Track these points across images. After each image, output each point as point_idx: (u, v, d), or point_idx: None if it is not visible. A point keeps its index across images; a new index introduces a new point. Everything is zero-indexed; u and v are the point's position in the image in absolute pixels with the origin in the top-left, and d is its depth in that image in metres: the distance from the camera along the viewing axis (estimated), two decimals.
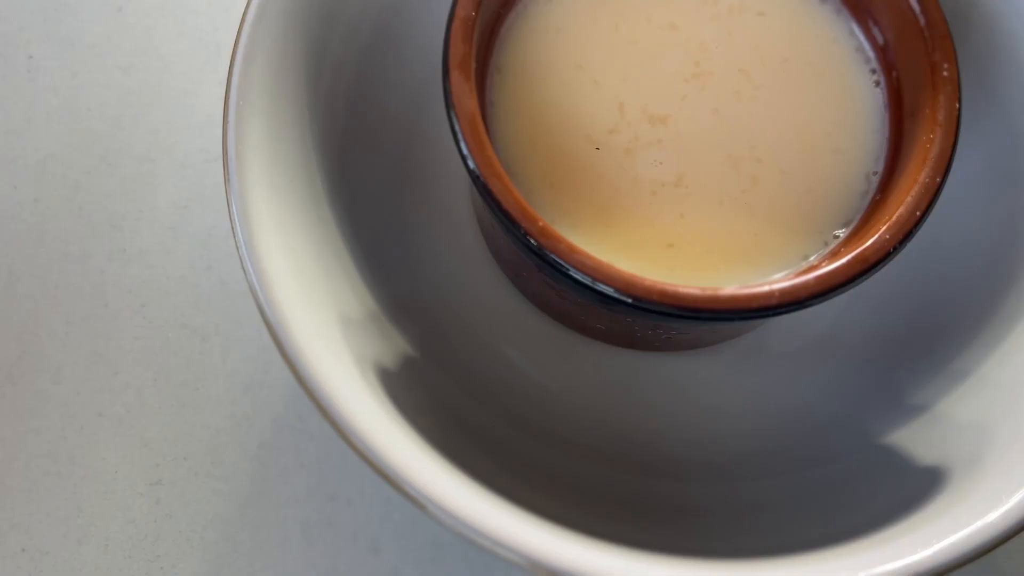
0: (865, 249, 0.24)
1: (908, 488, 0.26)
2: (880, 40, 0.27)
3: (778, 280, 0.24)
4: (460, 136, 0.24)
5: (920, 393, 0.29)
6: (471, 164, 0.24)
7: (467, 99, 0.24)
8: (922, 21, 0.26)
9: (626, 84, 0.27)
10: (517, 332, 0.30)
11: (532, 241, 0.24)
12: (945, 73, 0.25)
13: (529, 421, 0.29)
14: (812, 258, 0.26)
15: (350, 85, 0.30)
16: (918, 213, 0.24)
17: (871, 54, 0.27)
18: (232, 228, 0.24)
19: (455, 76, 0.24)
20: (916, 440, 0.28)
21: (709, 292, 0.23)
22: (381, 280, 0.29)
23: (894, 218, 0.24)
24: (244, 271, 0.24)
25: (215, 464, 0.32)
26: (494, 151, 0.24)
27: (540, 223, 0.24)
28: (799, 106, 0.27)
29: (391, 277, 0.30)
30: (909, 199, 0.24)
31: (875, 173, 0.26)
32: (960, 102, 0.25)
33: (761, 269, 0.26)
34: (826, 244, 0.26)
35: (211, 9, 0.37)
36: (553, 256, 0.23)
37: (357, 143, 0.30)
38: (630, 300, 0.23)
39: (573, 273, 0.23)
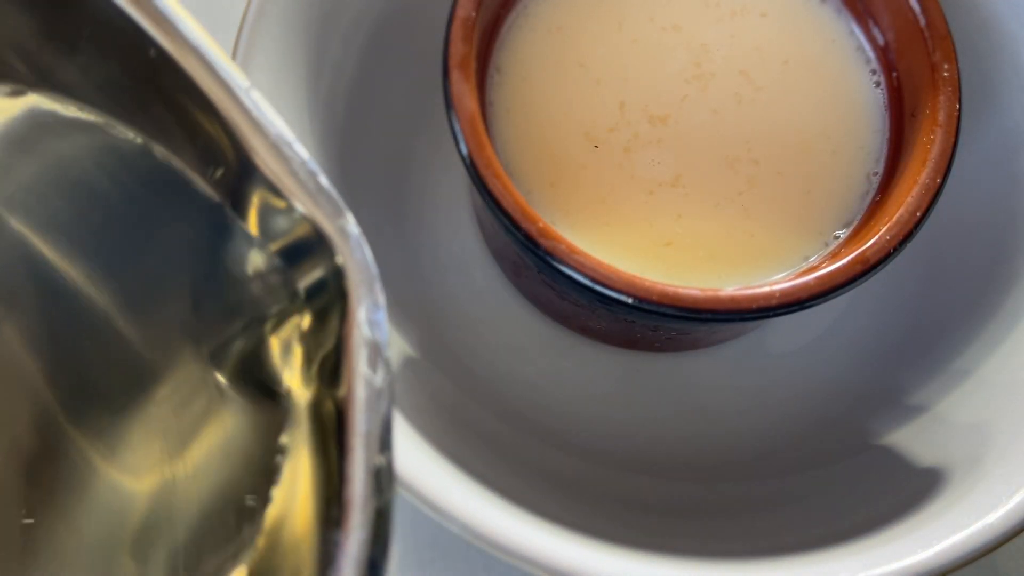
0: (865, 250, 0.24)
1: (908, 488, 0.26)
2: (880, 40, 0.27)
3: (778, 281, 0.24)
4: (460, 136, 0.24)
5: (920, 393, 0.29)
6: (471, 164, 0.24)
7: (467, 99, 0.24)
8: (922, 21, 0.26)
9: (627, 83, 0.27)
10: (517, 332, 0.30)
11: (532, 242, 0.24)
12: (945, 73, 0.25)
13: (529, 421, 0.29)
14: (812, 259, 0.26)
15: (350, 85, 0.30)
16: (918, 214, 0.24)
17: (871, 54, 0.27)
18: None
19: (455, 76, 0.24)
20: (916, 440, 0.28)
21: (709, 293, 0.23)
22: (380, 280, 0.29)
23: (894, 219, 0.24)
24: None
25: None
26: (494, 151, 0.24)
27: (540, 223, 0.24)
28: (799, 107, 0.27)
29: (391, 277, 0.30)
30: (909, 200, 0.24)
31: (875, 174, 0.26)
32: (960, 102, 0.25)
33: (760, 270, 0.26)
34: (826, 245, 0.26)
35: (211, 9, 0.37)
36: (553, 257, 0.23)
37: (357, 143, 0.30)
38: (630, 300, 0.23)
39: (573, 274, 0.23)
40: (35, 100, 0.20)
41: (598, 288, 0.23)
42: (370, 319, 0.16)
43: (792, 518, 0.27)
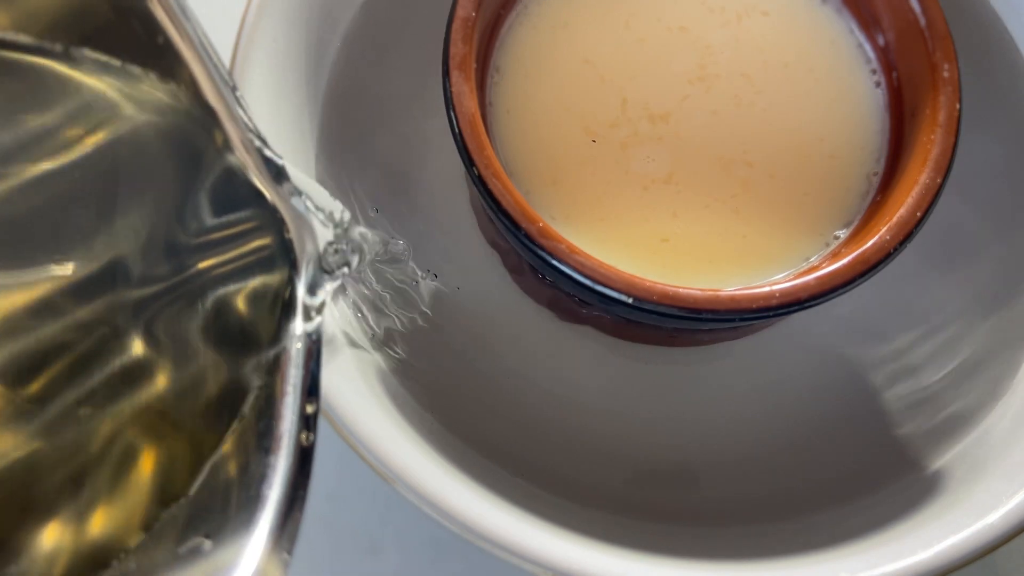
0: (866, 250, 0.24)
1: (908, 488, 0.26)
2: (881, 41, 0.27)
3: (778, 281, 0.24)
4: (460, 136, 0.24)
5: (920, 393, 0.29)
6: (471, 164, 0.24)
7: (467, 99, 0.24)
8: (923, 22, 0.26)
9: (631, 81, 0.27)
10: (517, 329, 0.30)
11: (532, 242, 0.24)
12: (946, 74, 0.25)
13: (529, 420, 0.29)
14: (813, 259, 0.26)
15: (350, 85, 0.30)
16: (919, 214, 0.24)
17: (872, 55, 0.27)
18: None
19: (455, 76, 0.24)
20: (917, 440, 0.28)
21: (709, 293, 0.23)
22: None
23: (895, 219, 0.24)
24: None
25: None
26: (494, 151, 0.24)
27: (540, 223, 0.24)
28: (799, 109, 0.27)
29: None
30: (910, 200, 0.24)
31: (876, 174, 0.26)
32: (961, 103, 0.25)
33: (760, 270, 0.26)
34: (827, 245, 0.26)
35: (211, 9, 0.37)
36: (553, 256, 0.23)
37: (357, 143, 0.30)
38: (630, 300, 0.23)
39: (573, 273, 0.23)
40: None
41: (598, 288, 0.23)
42: (309, 290, 0.20)
43: (793, 518, 0.27)
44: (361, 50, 0.30)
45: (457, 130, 0.24)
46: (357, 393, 0.25)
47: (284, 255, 0.20)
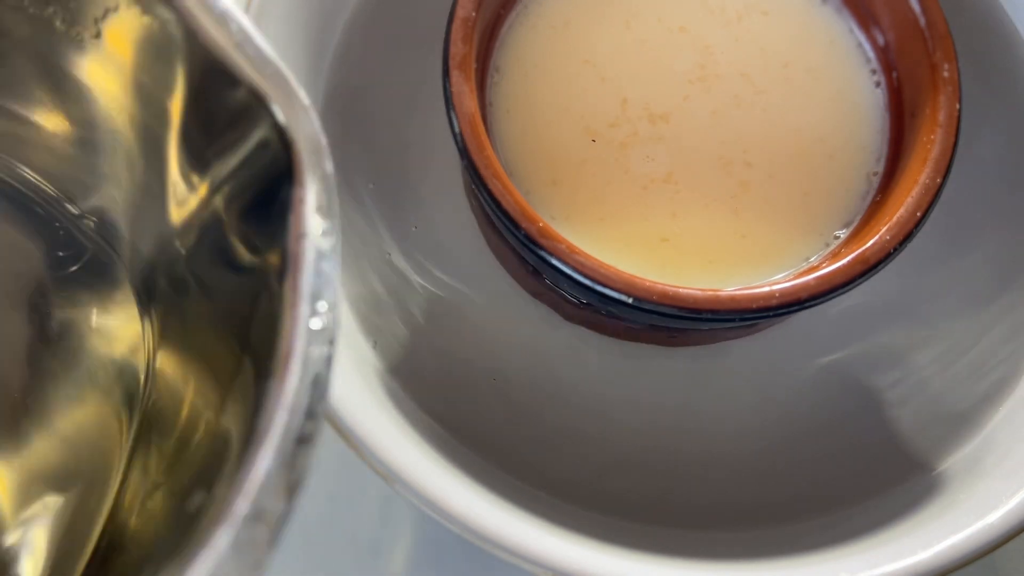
0: (865, 250, 0.24)
1: (908, 488, 0.26)
2: (881, 41, 0.27)
3: (779, 281, 0.24)
4: (460, 136, 0.24)
5: (920, 393, 0.29)
6: (471, 164, 0.24)
7: (467, 99, 0.24)
8: (923, 21, 0.26)
9: (631, 81, 0.27)
10: (516, 327, 0.30)
11: (532, 242, 0.24)
12: (946, 74, 0.25)
13: (528, 421, 0.29)
14: (813, 259, 0.26)
15: (349, 85, 0.30)
16: (919, 214, 0.24)
17: (872, 55, 0.27)
18: None
19: (455, 76, 0.24)
20: (916, 440, 0.28)
21: (709, 293, 0.23)
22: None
23: (894, 219, 0.24)
24: None
25: None
26: (494, 151, 0.24)
27: (540, 223, 0.24)
28: (799, 109, 0.27)
29: (389, 267, 0.30)
30: (910, 200, 0.24)
31: (875, 174, 0.26)
32: (961, 102, 0.25)
33: (760, 270, 0.26)
34: (827, 245, 0.26)
35: None
36: (553, 256, 0.23)
37: (356, 144, 0.30)
38: (630, 300, 0.23)
39: (573, 273, 0.23)
40: None
41: (598, 288, 0.23)
42: (319, 183, 0.17)
43: (793, 518, 0.27)
44: (360, 51, 0.30)
45: (457, 130, 0.24)
46: (357, 393, 0.25)
47: (283, 150, 0.17)
